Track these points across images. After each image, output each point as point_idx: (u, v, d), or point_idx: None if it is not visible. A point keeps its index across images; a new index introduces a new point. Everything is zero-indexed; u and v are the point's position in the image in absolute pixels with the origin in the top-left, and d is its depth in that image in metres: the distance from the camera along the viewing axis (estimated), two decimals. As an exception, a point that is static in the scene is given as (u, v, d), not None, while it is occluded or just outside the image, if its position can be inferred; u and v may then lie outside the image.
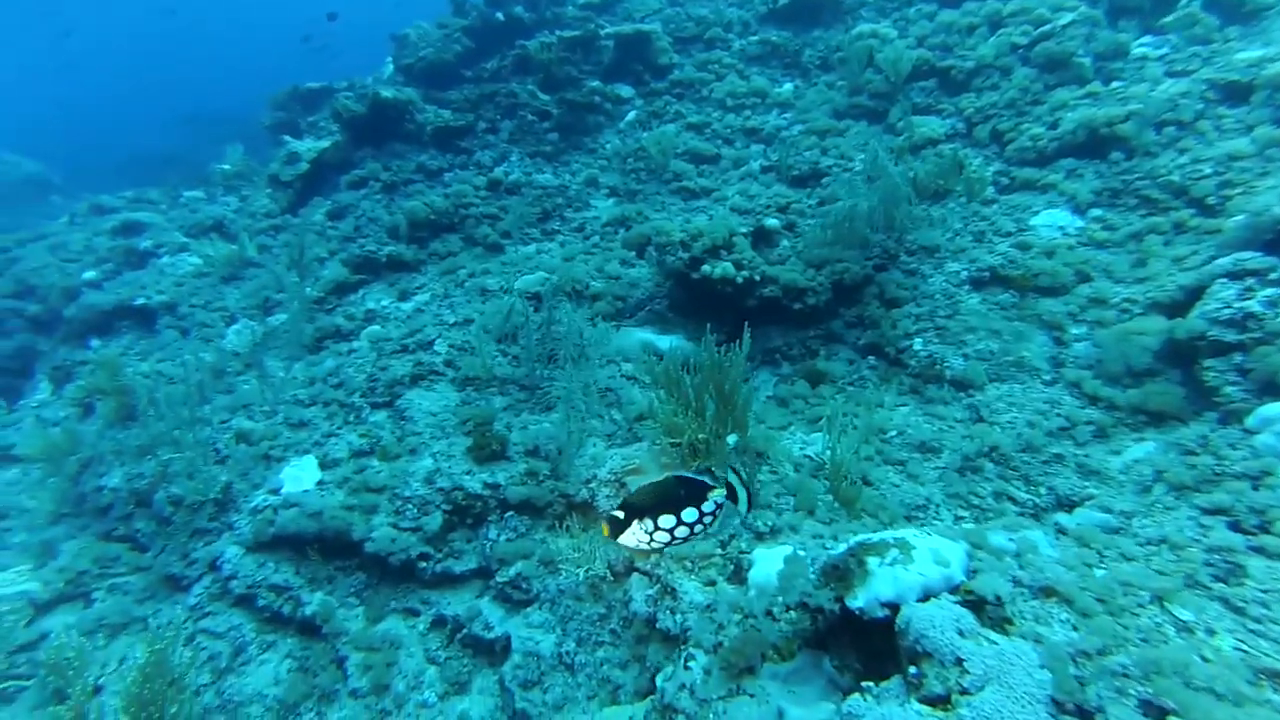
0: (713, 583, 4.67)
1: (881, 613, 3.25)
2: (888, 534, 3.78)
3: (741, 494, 2.83)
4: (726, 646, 3.89)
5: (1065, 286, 6.17)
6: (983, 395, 5.86)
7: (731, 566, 4.67)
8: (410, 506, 5.60)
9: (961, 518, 5.02)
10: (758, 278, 6.89)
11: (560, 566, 5.32)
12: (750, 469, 5.15)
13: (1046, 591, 3.10)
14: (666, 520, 2.67)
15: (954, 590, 3.22)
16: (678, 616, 4.49)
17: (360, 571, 5.61)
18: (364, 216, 9.89)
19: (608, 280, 7.87)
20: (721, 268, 6.92)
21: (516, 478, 5.77)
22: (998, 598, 3.01)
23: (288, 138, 12.43)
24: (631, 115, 11.15)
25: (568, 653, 4.92)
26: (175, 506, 5.79)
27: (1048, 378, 5.70)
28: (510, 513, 5.67)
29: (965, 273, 6.87)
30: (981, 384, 5.94)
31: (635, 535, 2.67)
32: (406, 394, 6.53)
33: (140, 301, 9.39)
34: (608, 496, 5.50)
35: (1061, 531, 4.27)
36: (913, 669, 2.82)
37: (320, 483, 5.82)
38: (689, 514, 2.68)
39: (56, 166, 24.50)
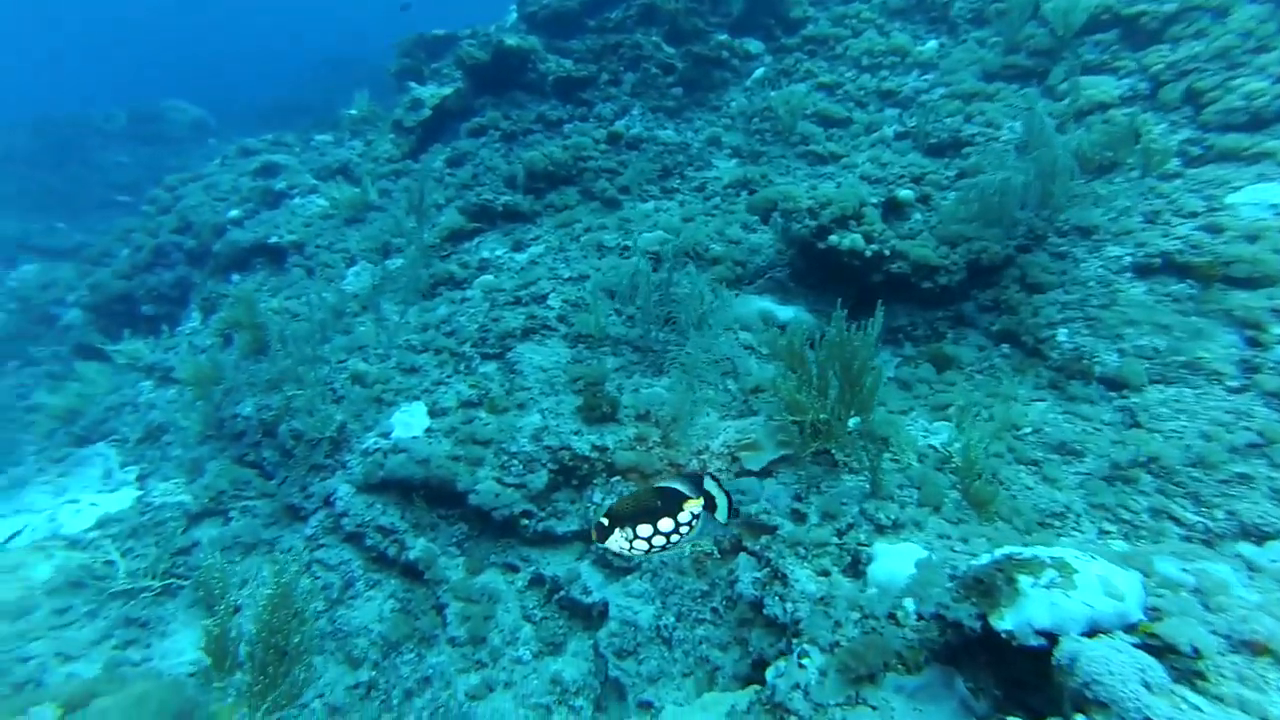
0: (826, 573, 4.37)
1: (1036, 641, 2.86)
2: (1041, 550, 3.34)
3: (722, 502, 2.91)
4: (845, 648, 3.61)
5: (1271, 278, 5.32)
6: (1140, 398, 5.18)
7: (848, 558, 4.36)
8: (516, 462, 5.56)
9: (1108, 532, 4.47)
10: (887, 252, 6.38)
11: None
12: (873, 456, 4.77)
13: (1255, 648, 2.62)
14: (644, 530, 2.77)
15: (1129, 629, 2.78)
16: (788, 605, 4.24)
17: (462, 522, 5.65)
18: (482, 165, 9.87)
19: (727, 244, 7.51)
20: (850, 239, 6.44)
21: (625, 442, 5.62)
22: (1195, 649, 2.56)
23: (412, 84, 12.57)
24: (759, 72, 10.56)
25: (666, 626, 4.78)
26: (296, 440, 6.00)
27: (1234, 384, 4.96)
28: (617, 478, 5.54)
29: (1129, 258, 6.08)
30: (1140, 385, 5.24)
31: (618, 542, 2.78)
32: (517, 347, 6.47)
33: (273, 240, 9.80)
34: (720, 470, 5.27)
35: (1252, 569, 3.68)
36: (1081, 718, 2.44)
37: (428, 430, 5.86)
38: (665, 525, 2.77)
39: (213, 111, 26.36)
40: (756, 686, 4.17)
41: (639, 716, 4.50)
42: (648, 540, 2.77)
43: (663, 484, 2.84)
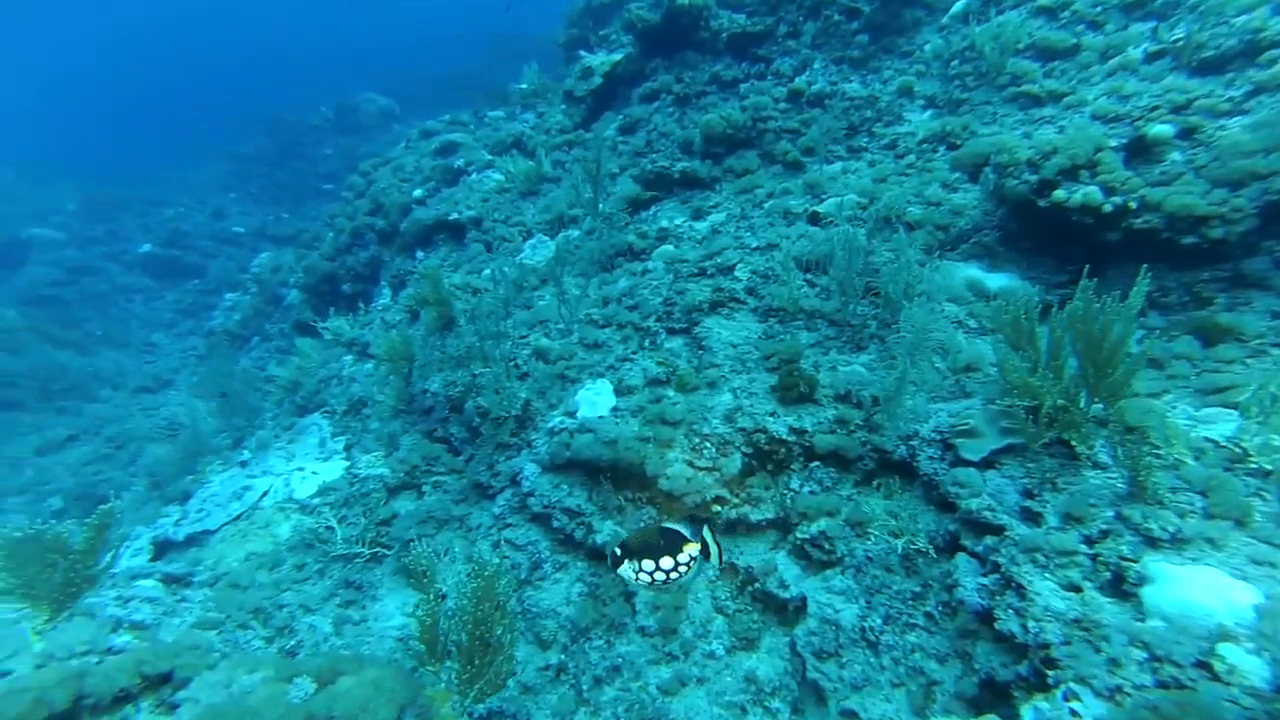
0: (1076, 589, 3.67)
1: None
2: None
3: (714, 551, 3.17)
4: (1138, 700, 2.92)
5: None
6: None
7: (1106, 573, 3.62)
8: (708, 445, 5.22)
9: None
10: (1133, 204, 5.30)
11: (870, 531, 4.64)
12: (1132, 449, 3.92)
13: None
14: (648, 565, 3.06)
15: None
16: (1029, 624, 3.59)
17: (650, 506, 5.41)
18: (655, 131, 9.55)
19: (927, 207, 6.66)
20: (1083, 193, 5.43)
21: (825, 425, 5.11)
22: None
23: (582, 52, 12.47)
24: (958, 6, 9.32)
25: (872, 629, 4.29)
26: (482, 418, 6.04)
27: None
28: (816, 463, 5.06)
29: None
30: None
31: (627, 571, 3.09)
32: (705, 321, 6.10)
33: (453, 216, 10.10)
34: (931, 458, 4.64)
35: None
36: None
37: (615, 409, 5.66)
38: (666, 563, 3.06)
39: (396, 99, 28.41)
40: (995, 718, 3.60)
41: (844, 727, 4.09)
42: (650, 574, 3.07)
43: (667, 525, 3.17)
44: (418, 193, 11.51)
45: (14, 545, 3.87)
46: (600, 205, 8.25)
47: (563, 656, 4.86)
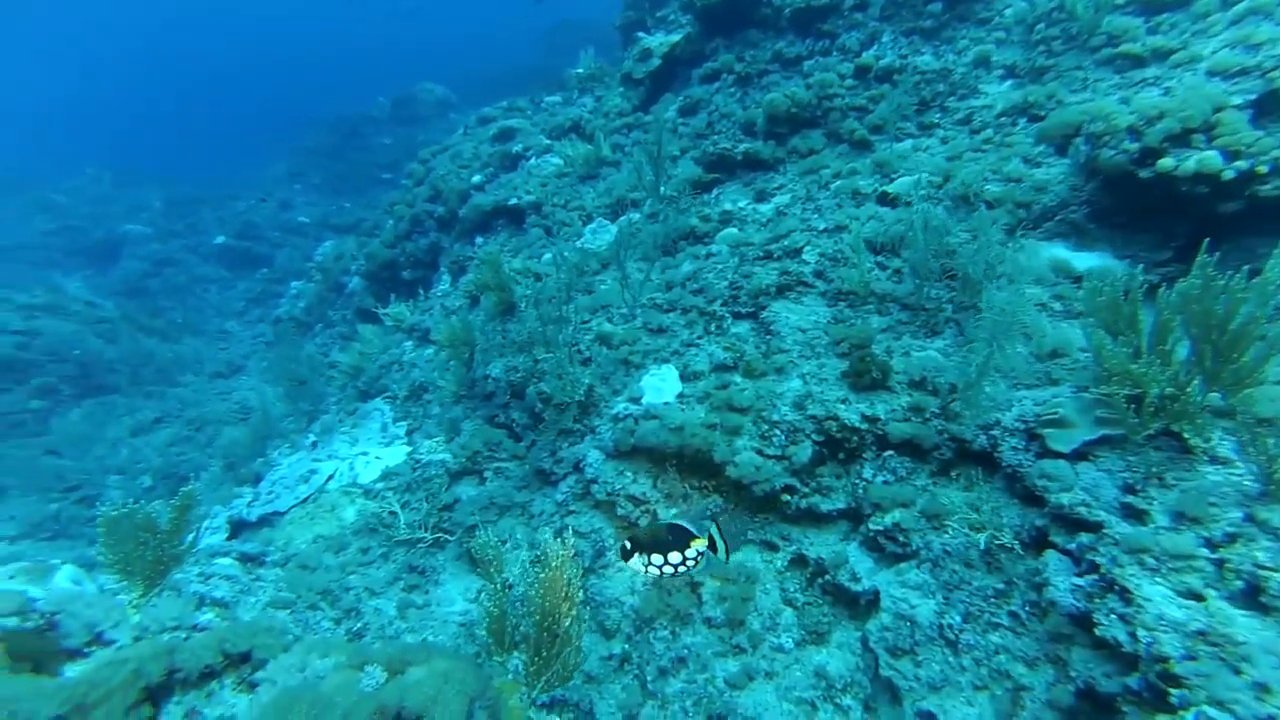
0: (1198, 597, 3.36)
1: None
2: None
3: (721, 547, 3.28)
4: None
5: None
6: None
7: (1239, 583, 3.30)
8: (778, 432, 5.04)
9: None
10: (1264, 169, 4.86)
11: (948, 524, 4.40)
12: (1262, 442, 3.58)
13: None
14: (657, 559, 3.16)
15: None
16: (1138, 631, 3.32)
17: (717, 494, 5.27)
18: (716, 112, 9.32)
19: (1006, 183, 6.28)
20: (1196, 160, 5.02)
21: (899, 412, 4.88)
22: None
23: (640, 34, 12.29)
24: (1044, -34, 8.78)
25: (951, 626, 4.06)
26: (545, 404, 5.98)
27: None
28: (889, 452, 4.83)
29: None
30: None
31: (635, 564, 3.17)
32: (772, 305, 5.90)
33: (512, 202, 10.09)
34: (1014, 449, 4.36)
35: None
36: None
37: (681, 395, 5.53)
38: (674, 557, 3.16)
39: (453, 89, 28.84)
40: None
41: (921, 728, 3.89)
42: (659, 568, 3.16)
43: (674, 521, 3.27)
44: (476, 179, 11.55)
45: (111, 523, 4.02)
46: (661, 188, 8.09)
47: (627, 646, 4.78)
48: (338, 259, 15.80)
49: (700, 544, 3.20)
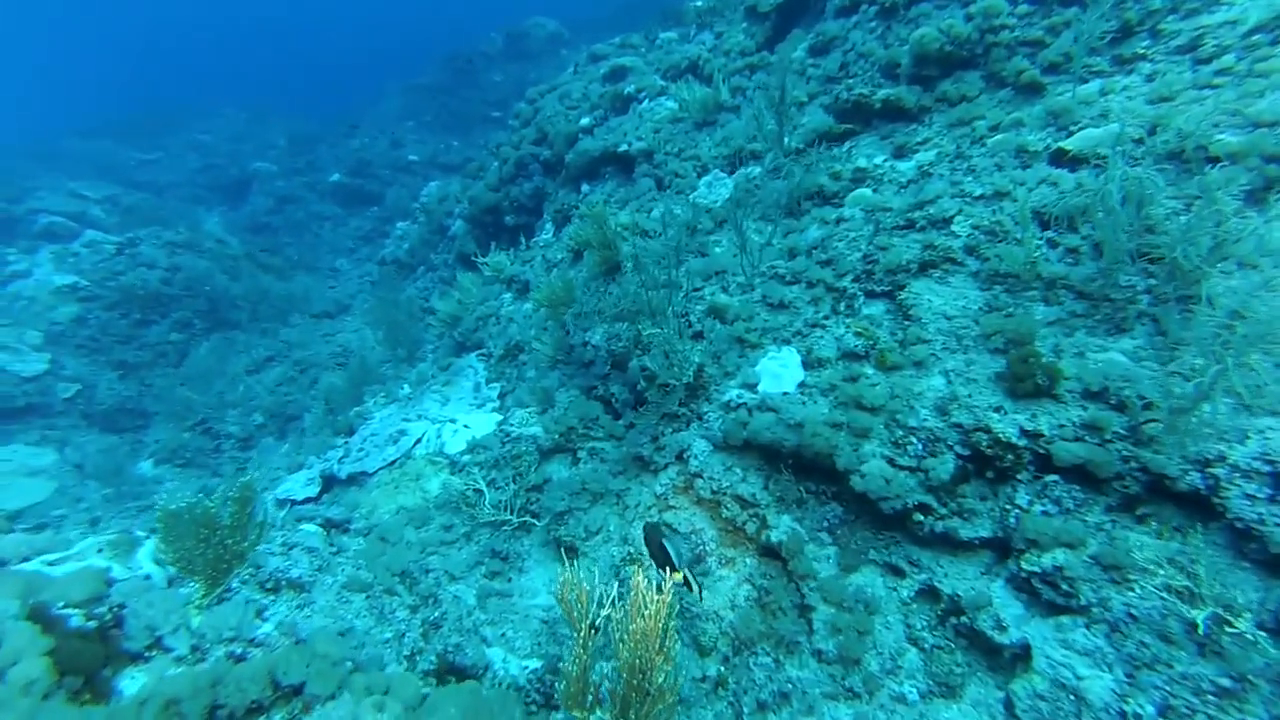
0: None
1: None
2: None
3: (696, 588, 3.45)
4: None
5: None
6: None
7: None
8: (914, 440, 4.29)
9: None
10: None
11: (1135, 580, 3.55)
12: None
13: None
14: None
15: None
16: None
17: (836, 502, 4.61)
18: (853, 51, 8.20)
19: (1252, 130, 4.96)
20: None
21: (1069, 429, 4.01)
22: None
23: (768, -38, 11.06)
24: None
25: (1139, 717, 3.26)
26: (649, 382, 5.41)
27: None
28: (1054, 477, 3.99)
29: None
30: None
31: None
32: (912, 285, 5.05)
33: (622, 148, 9.40)
34: (1248, 497, 3.43)
35: None
36: None
37: (802, 385, 4.83)
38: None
39: (565, 23, 28.05)
40: None
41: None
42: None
43: (665, 542, 3.35)
44: (585, 121, 10.91)
45: (170, 518, 3.83)
46: (786, 139, 7.20)
47: (722, 669, 4.27)
48: (442, 200, 15.68)
49: (677, 578, 3.20)
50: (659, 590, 2.70)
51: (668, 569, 3.29)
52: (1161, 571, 3.46)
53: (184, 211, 20.00)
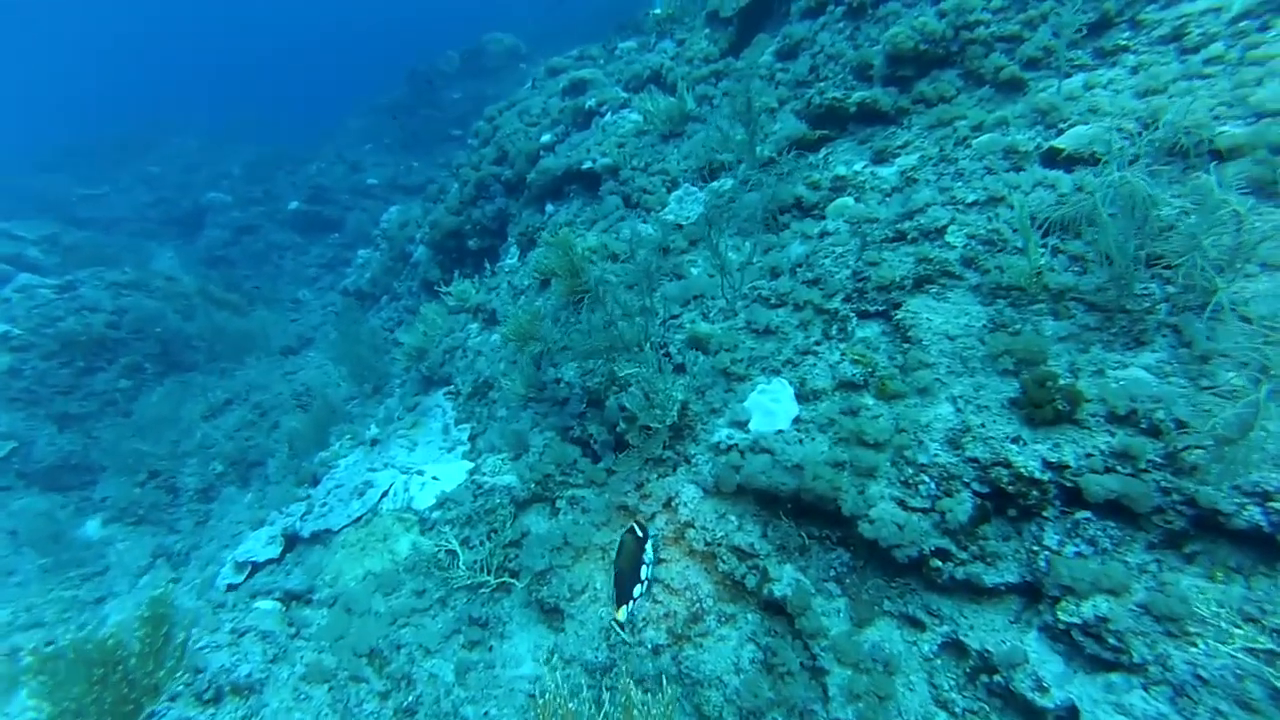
0: None
1: None
2: None
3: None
4: None
5: None
6: None
7: None
8: (926, 479, 3.89)
9: None
10: None
11: (1195, 634, 3.15)
12: None
13: None
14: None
15: None
16: None
17: (842, 547, 4.19)
18: (822, 54, 7.87)
19: (1256, 120, 4.68)
20: None
21: (1098, 459, 3.63)
22: None
23: (727, -34, 10.74)
24: None
25: (1222, 798, 2.87)
26: (629, 423, 4.94)
27: None
28: (1086, 513, 3.61)
29: None
30: None
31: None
32: (908, 302, 4.66)
33: (586, 165, 8.97)
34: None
35: None
36: None
37: (797, 421, 4.41)
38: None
39: (523, 36, 27.62)
40: None
41: None
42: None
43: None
44: (546, 138, 10.48)
45: (48, 665, 3.20)
46: (758, 148, 6.82)
47: (731, 745, 3.83)
48: (403, 226, 15.12)
49: (621, 614, 3.36)
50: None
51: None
52: (1231, 627, 3.08)
53: (134, 247, 19.18)
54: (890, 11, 7.61)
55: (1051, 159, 5.23)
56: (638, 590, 3.99)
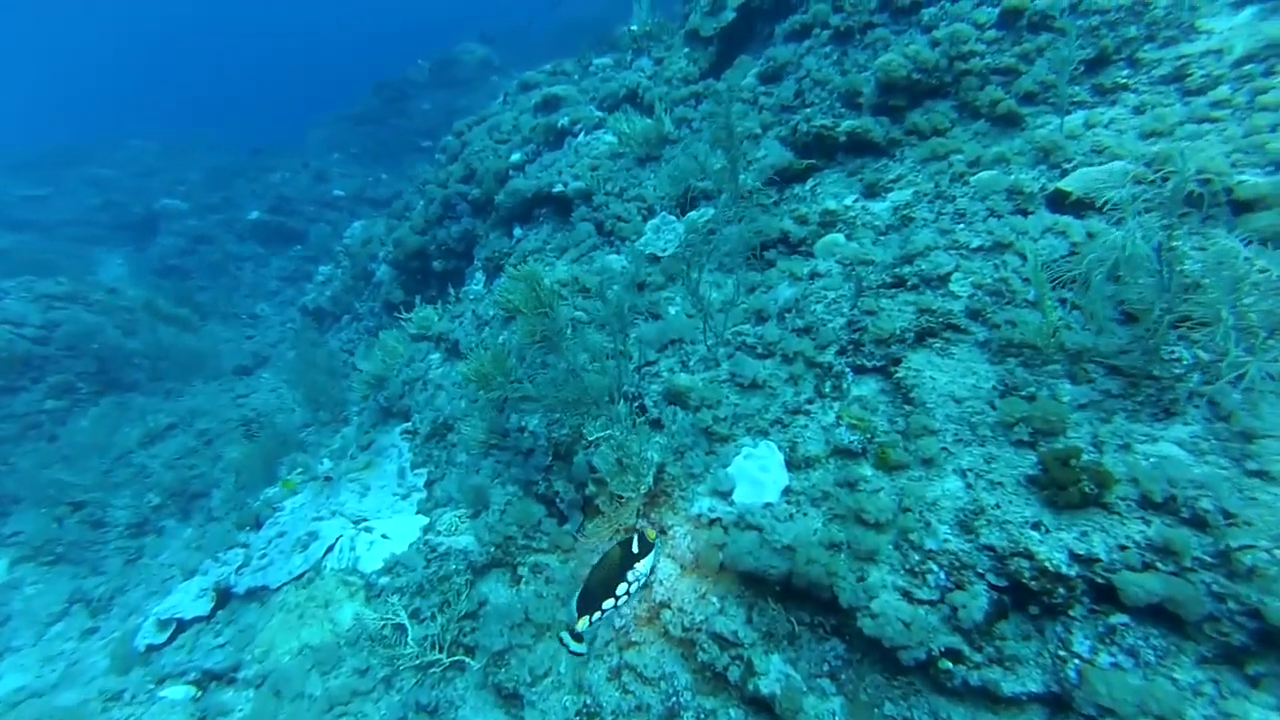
0: None
1: None
2: None
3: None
4: None
5: None
6: None
7: None
8: (934, 567, 3.43)
9: None
10: None
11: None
12: None
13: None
14: (608, 603, 3.26)
15: None
16: None
17: (836, 637, 3.71)
18: (808, 78, 7.49)
19: (1273, 173, 4.37)
20: None
21: (1134, 553, 3.20)
22: None
23: (709, -16, 10.37)
24: None
25: None
26: (598, 486, 4.42)
27: None
28: (1123, 617, 3.17)
29: None
30: None
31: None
32: (910, 358, 4.23)
33: (557, 189, 8.48)
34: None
35: None
36: None
37: (787, 492, 3.93)
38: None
39: (497, 48, 27.12)
40: None
41: None
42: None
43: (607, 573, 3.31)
44: (516, 157, 9.96)
45: None
46: (741, 177, 6.38)
47: None
48: (366, 243, 14.44)
49: (581, 626, 3.23)
50: None
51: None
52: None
53: (77, 254, 18.18)
54: (878, 38, 7.26)
55: (1059, 202, 4.86)
56: (608, 604, 3.29)
